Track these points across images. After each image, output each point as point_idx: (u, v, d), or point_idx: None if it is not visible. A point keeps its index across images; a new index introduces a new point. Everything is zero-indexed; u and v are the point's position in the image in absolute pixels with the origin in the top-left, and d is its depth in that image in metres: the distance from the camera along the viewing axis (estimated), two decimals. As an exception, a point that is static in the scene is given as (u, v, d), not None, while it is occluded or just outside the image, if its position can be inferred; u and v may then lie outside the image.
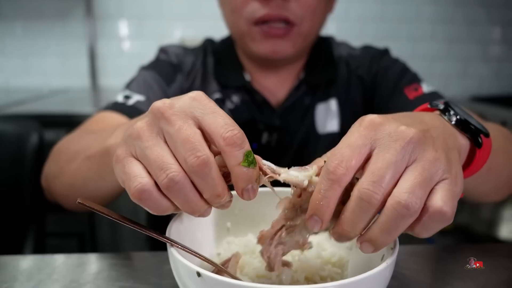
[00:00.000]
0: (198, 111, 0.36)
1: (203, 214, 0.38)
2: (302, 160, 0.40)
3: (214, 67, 0.92)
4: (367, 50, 0.95)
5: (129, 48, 2.24)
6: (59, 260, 0.58)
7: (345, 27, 2.21)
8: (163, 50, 0.95)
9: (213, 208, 0.52)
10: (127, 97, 0.83)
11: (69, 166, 0.66)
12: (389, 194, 0.33)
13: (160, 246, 0.47)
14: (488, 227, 2.21)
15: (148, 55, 1.00)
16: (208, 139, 0.36)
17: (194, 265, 0.36)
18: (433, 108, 0.46)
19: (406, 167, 0.34)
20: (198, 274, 0.35)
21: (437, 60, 2.38)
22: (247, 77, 0.89)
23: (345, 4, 2.17)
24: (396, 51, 0.95)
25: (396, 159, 0.33)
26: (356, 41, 0.98)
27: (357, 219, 0.34)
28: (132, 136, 0.37)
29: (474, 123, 0.43)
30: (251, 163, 0.36)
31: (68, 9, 2.16)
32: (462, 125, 0.43)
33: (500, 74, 2.44)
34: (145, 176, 0.36)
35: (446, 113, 0.44)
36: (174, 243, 0.40)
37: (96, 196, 0.66)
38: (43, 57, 2.21)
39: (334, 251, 0.50)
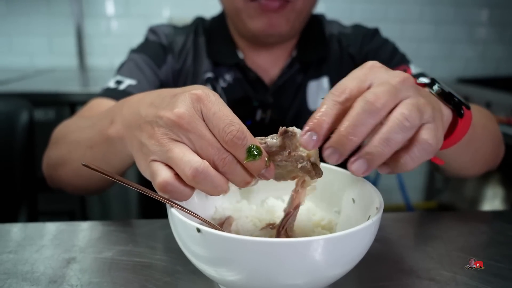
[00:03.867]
0: (204, 112, 0.39)
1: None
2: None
3: (206, 45, 0.93)
4: (358, 29, 0.96)
5: (116, 28, 2.22)
6: (60, 227, 0.60)
7: (333, 7, 2.22)
8: (152, 31, 0.95)
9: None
10: (118, 82, 0.84)
11: (71, 155, 0.67)
12: (388, 113, 0.36)
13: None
14: (471, 205, 2.28)
15: (136, 35, 0.99)
16: None
17: (193, 222, 0.38)
18: (419, 84, 0.49)
19: (401, 101, 0.37)
20: (198, 230, 0.37)
21: (424, 42, 2.40)
22: (240, 55, 0.90)
23: (334, -15, 2.18)
24: (384, 32, 0.97)
25: (393, 89, 0.36)
26: (344, 22, 1.00)
27: (360, 122, 0.35)
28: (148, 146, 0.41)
29: (457, 96, 0.47)
30: (256, 155, 0.39)
31: (53, -14, 2.13)
32: (446, 97, 0.47)
33: (485, 56, 2.49)
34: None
35: (433, 86, 0.47)
36: (174, 203, 0.42)
37: (103, 180, 0.68)
38: (28, 36, 2.17)
39: (323, 215, 0.53)
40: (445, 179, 2.46)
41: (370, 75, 0.38)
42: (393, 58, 0.89)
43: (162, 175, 0.39)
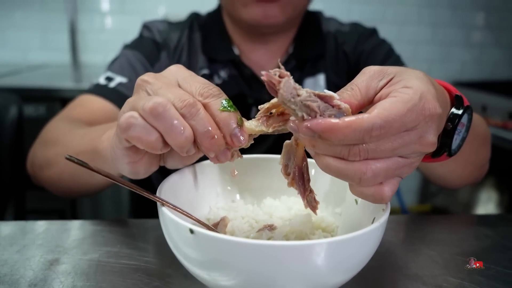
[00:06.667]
0: (179, 77, 0.40)
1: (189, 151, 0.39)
2: (290, 133, 0.40)
3: (201, 41, 0.90)
4: (355, 27, 0.94)
5: (111, 24, 2.18)
6: (43, 226, 0.56)
7: (331, 7, 2.18)
8: (146, 27, 0.92)
9: (203, 175, 0.52)
10: (109, 79, 0.81)
11: (57, 159, 0.65)
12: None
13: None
14: (465, 209, 2.27)
15: (131, 31, 0.96)
16: None
17: (186, 222, 0.35)
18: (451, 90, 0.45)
19: (396, 156, 0.35)
20: (191, 231, 0.35)
21: (422, 44, 2.39)
22: (236, 51, 0.88)
23: (332, -16, 2.16)
24: (382, 34, 0.95)
25: (398, 153, 0.34)
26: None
27: (324, 150, 0.34)
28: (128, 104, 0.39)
29: (454, 143, 0.43)
30: (230, 107, 0.38)
31: (47, -19, 2.09)
32: (444, 136, 0.42)
33: (481, 60, 2.48)
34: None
35: (451, 114, 0.42)
36: (165, 202, 0.39)
37: (83, 189, 0.66)
38: (21, 30, 2.13)
39: (323, 216, 0.50)
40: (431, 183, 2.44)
41: (414, 125, 0.33)
42: (387, 60, 0.87)
43: (126, 112, 0.37)
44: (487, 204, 2.19)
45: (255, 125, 0.41)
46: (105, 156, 0.50)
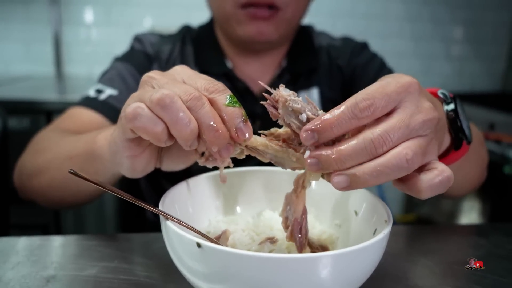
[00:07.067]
0: (185, 76, 0.42)
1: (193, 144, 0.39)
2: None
3: (194, 54, 0.90)
4: (347, 41, 0.96)
5: (96, 36, 2.17)
6: (37, 241, 0.55)
7: (315, 21, 2.20)
8: (137, 39, 0.92)
9: (202, 188, 0.52)
10: (99, 91, 0.80)
11: (48, 165, 0.64)
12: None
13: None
14: (449, 219, 2.30)
15: (117, 43, 0.96)
16: None
17: (193, 236, 0.35)
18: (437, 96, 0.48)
19: (417, 136, 0.35)
20: (198, 245, 0.34)
21: (404, 58, 2.44)
22: (229, 64, 0.88)
23: (317, -2, 2.20)
24: (365, 48, 0.97)
25: (414, 128, 0.35)
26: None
27: (353, 157, 0.34)
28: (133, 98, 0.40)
29: (464, 127, 0.46)
30: (235, 102, 0.39)
31: (31, -8, 2.06)
32: (454, 124, 0.45)
33: (462, 72, 2.54)
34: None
35: (447, 105, 0.46)
36: (169, 216, 0.39)
37: (74, 197, 0.65)
38: (4, 42, 2.09)
39: (323, 229, 0.51)
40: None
41: (400, 98, 0.35)
42: (380, 74, 0.89)
43: (132, 103, 0.38)
44: (470, 214, 2.22)
45: (256, 137, 0.42)
46: (100, 156, 0.50)
